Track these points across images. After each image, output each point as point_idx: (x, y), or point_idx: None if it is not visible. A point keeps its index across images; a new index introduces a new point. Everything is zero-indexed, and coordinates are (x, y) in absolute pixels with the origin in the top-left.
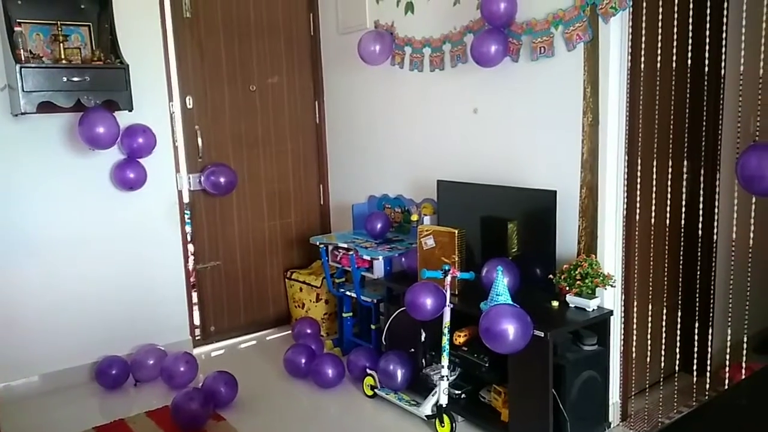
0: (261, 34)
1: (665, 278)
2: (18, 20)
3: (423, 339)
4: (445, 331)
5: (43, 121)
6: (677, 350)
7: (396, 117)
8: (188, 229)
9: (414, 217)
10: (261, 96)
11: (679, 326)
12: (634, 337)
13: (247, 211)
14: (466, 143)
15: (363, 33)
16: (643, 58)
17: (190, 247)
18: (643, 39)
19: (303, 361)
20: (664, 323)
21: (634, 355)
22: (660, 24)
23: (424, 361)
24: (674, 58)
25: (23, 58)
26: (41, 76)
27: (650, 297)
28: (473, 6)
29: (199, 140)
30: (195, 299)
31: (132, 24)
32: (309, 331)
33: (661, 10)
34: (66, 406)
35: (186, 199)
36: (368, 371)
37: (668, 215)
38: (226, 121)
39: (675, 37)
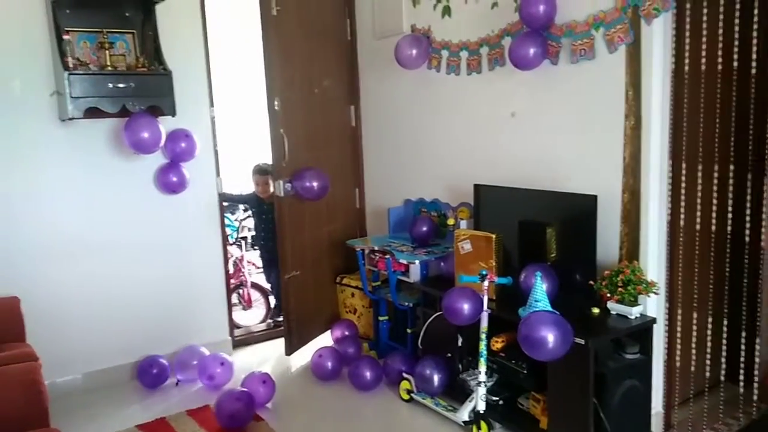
0: (315, 36)
1: (710, 285)
2: (66, 28)
3: (460, 344)
4: (483, 336)
5: (90, 126)
6: (723, 359)
7: (432, 121)
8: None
9: (450, 221)
10: (318, 99)
11: (724, 335)
12: (678, 346)
13: (312, 217)
14: (503, 147)
15: (399, 37)
16: (687, 60)
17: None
18: (687, 40)
19: (329, 365)
20: (709, 331)
21: (677, 363)
22: (705, 25)
23: (461, 366)
24: (719, 59)
25: (71, 65)
26: (88, 82)
27: (695, 304)
28: (511, 8)
29: (285, 144)
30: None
31: (175, 31)
32: (347, 333)
33: (705, 11)
34: (109, 403)
35: (228, 207)
36: (404, 375)
37: (713, 221)
38: (299, 124)
39: (720, 38)
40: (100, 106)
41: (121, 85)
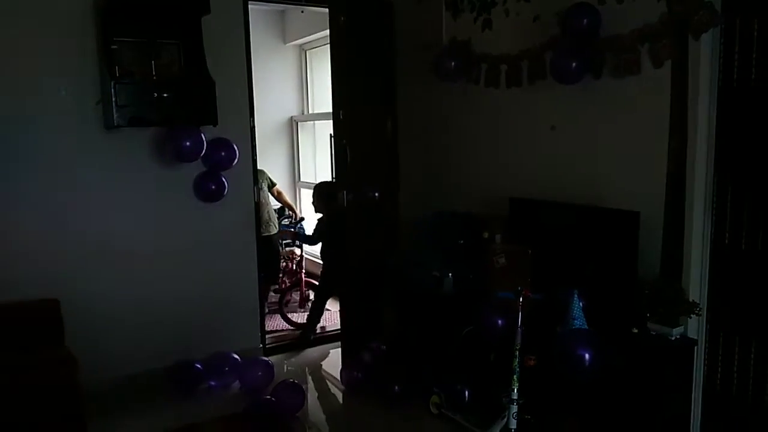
0: (362, 48)
1: (755, 308)
2: (114, 38)
3: (492, 360)
4: (516, 353)
5: (133, 134)
6: (766, 386)
7: (469, 133)
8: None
9: (485, 235)
10: (363, 111)
11: None
12: (719, 370)
13: (360, 228)
14: (541, 160)
15: (439, 49)
16: (736, 76)
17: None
18: (736, 56)
19: (359, 375)
20: (752, 356)
21: (718, 388)
22: (755, 40)
23: (492, 382)
24: None
25: (117, 75)
26: (133, 91)
27: (738, 327)
28: (554, 21)
29: (348, 155)
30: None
31: (218, 43)
32: (383, 345)
33: (756, 26)
34: (141, 407)
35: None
36: (434, 389)
37: (760, 240)
38: (355, 135)
39: None
40: (145, 115)
41: (165, 95)
